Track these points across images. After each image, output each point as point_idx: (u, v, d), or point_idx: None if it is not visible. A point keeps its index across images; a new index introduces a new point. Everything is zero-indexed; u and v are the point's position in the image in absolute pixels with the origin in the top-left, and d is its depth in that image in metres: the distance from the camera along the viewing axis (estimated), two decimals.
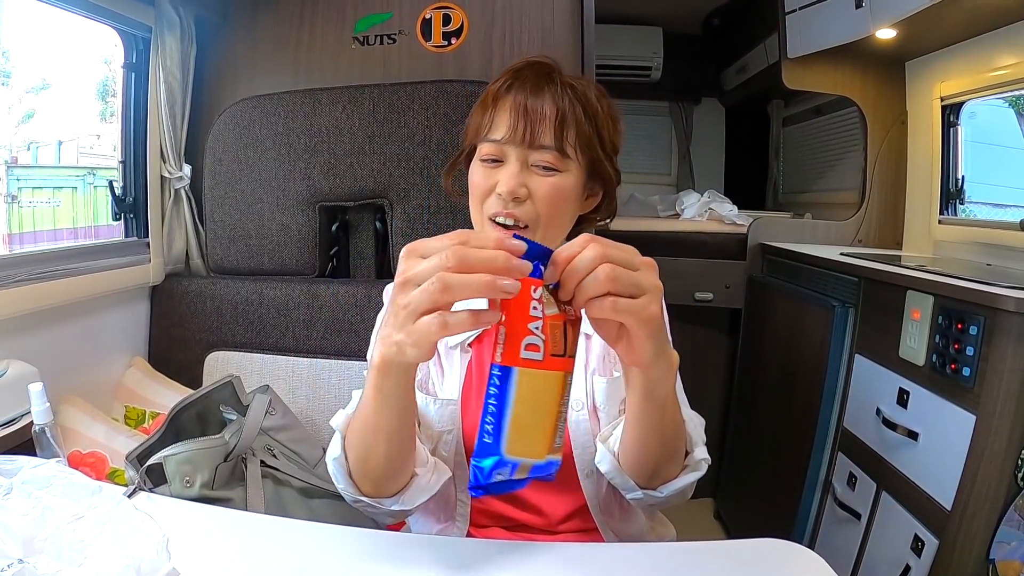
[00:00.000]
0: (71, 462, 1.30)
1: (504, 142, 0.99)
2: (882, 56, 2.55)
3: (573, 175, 1.01)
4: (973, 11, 1.96)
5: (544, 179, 0.98)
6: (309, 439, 1.59)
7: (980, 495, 1.40)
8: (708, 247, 2.83)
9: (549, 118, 0.98)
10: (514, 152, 0.99)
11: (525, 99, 0.99)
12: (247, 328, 1.77)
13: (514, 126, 0.98)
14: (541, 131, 0.97)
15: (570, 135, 0.99)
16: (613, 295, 0.65)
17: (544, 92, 0.99)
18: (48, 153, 2.06)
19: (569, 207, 1.04)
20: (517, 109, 0.98)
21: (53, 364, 1.40)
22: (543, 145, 0.98)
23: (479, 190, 1.01)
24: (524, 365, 0.64)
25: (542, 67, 1.04)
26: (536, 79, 1.01)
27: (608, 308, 0.65)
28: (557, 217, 1.01)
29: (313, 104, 1.76)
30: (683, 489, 0.91)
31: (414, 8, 1.91)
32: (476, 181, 1.03)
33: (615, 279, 0.65)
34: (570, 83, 1.02)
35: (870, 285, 1.86)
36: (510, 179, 0.97)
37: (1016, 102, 2.16)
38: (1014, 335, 1.34)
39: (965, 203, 2.36)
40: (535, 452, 0.66)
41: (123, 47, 1.78)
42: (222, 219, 1.83)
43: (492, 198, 0.99)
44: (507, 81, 1.03)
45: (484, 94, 1.06)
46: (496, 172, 1.00)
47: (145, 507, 0.82)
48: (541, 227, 0.99)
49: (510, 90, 1.01)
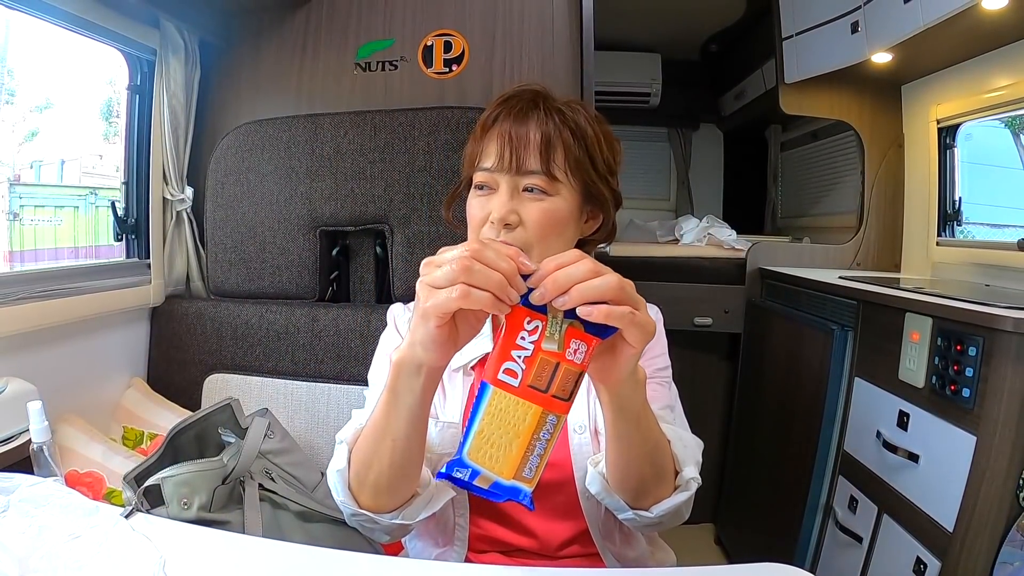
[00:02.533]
0: (68, 481, 1.29)
1: (494, 170, 1.00)
2: (878, 80, 2.58)
3: (565, 198, 1.01)
4: (967, 33, 1.99)
5: (535, 204, 0.99)
6: (307, 463, 1.58)
7: (982, 516, 1.39)
8: (707, 272, 2.84)
9: (534, 143, 0.99)
10: (504, 179, 1.00)
11: (511, 127, 1.00)
12: (246, 351, 1.77)
13: (501, 154, 0.99)
14: (527, 156, 0.98)
15: (558, 158, 1.00)
16: (609, 302, 0.67)
17: (530, 118, 1.01)
18: (51, 172, 2.07)
19: (564, 231, 1.03)
20: (503, 137, 1.00)
21: (52, 383, 1.40)
22: (530, 170, 0.99)
23: (475, 220, 1.02)
24: (498, 385, 0.68)
25: (529, 94, 1.06)
26: (523, 106, 1.03)
27: (603, 312, 0.66)
28: (551, 241, 1.01)
29: (315, 129, 1.78)
30: (675, 509, 0.90)
31: (416, 35, 1.93)
32: (472, 211, 1.03)
33: (619, 289, 0.67)
34: (557, 107, 1.04)
35: (869, 308, 1.86)
36: (500, 206, 0.98)
37: (1012, 123, 2.18)
38: (1013, 355, 1.34)
39: (963, 224, 2.38)
40: (496, 468, 0.69)
41: (128, 69, 1.81)
42: (223, 242, 1.84)
43: (487, 226, 1.00)
44: (495, 111, 1.05)
45: (476, 125, 1.08)
46: (489, 201, 1.00)
47: (142, 528, 0.82)
48: (535, 253, 0.98)
49: (497, 120, 1.03)
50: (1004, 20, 1.86)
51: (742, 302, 2.76)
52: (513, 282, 0.67)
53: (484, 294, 0.66)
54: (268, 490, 1.36)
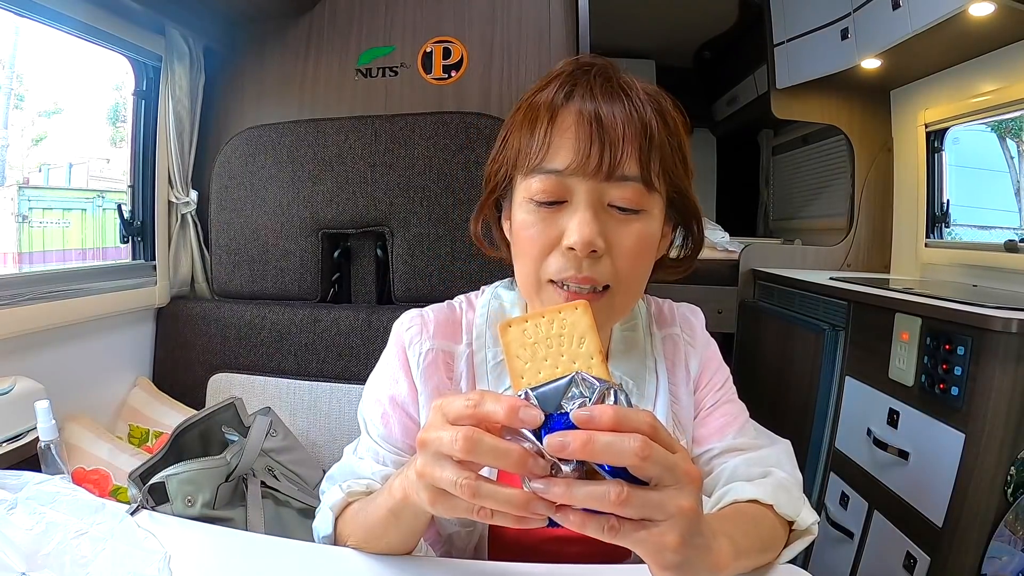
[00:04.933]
0: (75, 479, 1.31)
1: (569, 173, 0.72)
2: (868, 85, 2.62)
3: (656, 216, 0.77)
4: (955, 40, 2.03)
5: (626, 225, 0.74)
6: (309, 460, 1.60)
7: (971, 512, 1.42)
8: (700, 274, 2.81)
9: (631, 137, 0.71)
10: (585, 188, 0.72)
11: (596, 109, 0.72)
12: (250, 351, 1.79)
13: (582, 149, 0.71)
14: (623, 155, 0.71)
15: (655, 161, 0.73)
16: (616, 517, 0.51)
17: (617, 100, 0.73)
18: (59, 175, 2.09)
19: (651, 258, 0.80)
20: (586, 123, 0.71)
21: (59, 382, 1.42)
22: (626, 175, 0.72)
23: (536, 244, 0.75)
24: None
25: (606, 67, 0.78)
26: (606, 83, 0.75)
27: (606, 531, 0.51)
28: (639, 276, 0.78)
29: (317, 134, 1.80)
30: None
31: (415, 42, 1.96)
32: (527, 232, 0.75)
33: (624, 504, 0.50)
34: (645, 89, 0.78)
35: (859, 308, 1.89)
36: (584, 226, 0.70)
37: (999, 126, 2.22)
38: (1001, 354, 1.37)
39: (951, 226, 2.42)
40: None
41: (134, 75, 1.83)
42: (227, 244, 1.87)
43: (555, 255, 0.74)
44: (565, 85, 0.76)
45: (526, 104, 0.78)
46: (559, 217, 0.73)
47: (147, 525, 0.82)
48: (621, 291, 0.76)
49: (572, 97, 0.74)
50: (990, 27, 1.90)
51: (735, 303, 2.79)
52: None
53: (512, 518, 0.52)
54: (270, 488, 1.38)
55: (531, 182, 0.74)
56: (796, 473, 0.85)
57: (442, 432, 0.53)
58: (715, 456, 0.87)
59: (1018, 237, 2.05)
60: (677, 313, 0.97)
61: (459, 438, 0.51)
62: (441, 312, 0.91)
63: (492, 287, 0.95)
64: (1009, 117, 2.14)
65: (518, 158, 0.77)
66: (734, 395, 0.94)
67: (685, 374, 0.91)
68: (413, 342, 0.88)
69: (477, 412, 0.52)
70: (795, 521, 0.77)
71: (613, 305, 0.77)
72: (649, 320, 0.94)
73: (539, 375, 0.57)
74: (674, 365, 0.91)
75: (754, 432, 0.91)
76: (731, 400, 0.93)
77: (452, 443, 0.52)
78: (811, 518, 0.78)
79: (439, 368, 0.86)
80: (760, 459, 0.84)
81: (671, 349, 0.92)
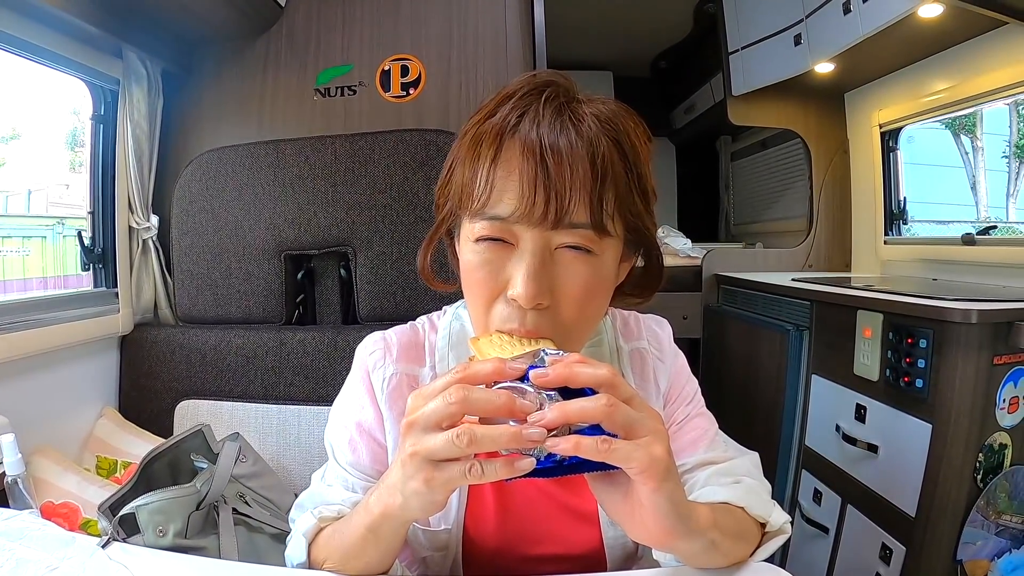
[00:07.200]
0: (44, 513, 1.29)
1: (514, 220, 0.67)
2: (822, 89, 2.69)
3: (610, 254, 0.72)
4: (905, 41, 2.09)
5: (576, 266, 0.69)
6: (280, 485, 1.58)
7: (942, 500, 1.44)
8: (664, 281, 2.88)
9: (580, 178, 0.66)
10: (530, 235, 0.68)
11: (543, 142, 0.66)
12: (216, 376, 1.76)
13: (528, 196, 0.66)
14: (571, 203, 0.66)
15: (608, 201, 0.68)
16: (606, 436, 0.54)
17: (568, 131, 0.67)
18: (18, 202, 2.06)
19: (605, 297, 0.75)
20: (532, 163, 0.66)
21: (24, 414, 1.38)
22: (574, 224, 0.67)
23: (483, 289, 0.71)
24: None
25: (559, 92, 0.72)
26: (556, 113, 0.69)
27: (600, 448, 0.53)
28: (590, 318, 0.74)
29: (277, 155, 1.79)
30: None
31: (373, 60, 1.96)
32: (474, 276, 0.71)
33: (610, 416, 0.53)
34: (602, 112, 0.72)
35: (822, 308, 1.93)
36: (528, 281, 0.66)
37: (952, 123, 2.28)
38: (963, 344, 1.41)
39: (909, 223, 2.48)
40: None
41: (92, 99, 1.81)
42: (190, 269, 1.84)
43: (500, 303, 0.70)
44: (512, 110, 0.70)
45: (473, 131, 0.72)
46: (505, 260, 0.69)
47: (119, 557, 0.80)
48: (571, 338, 0.72)
49: (518, 129, 0.69)
50: (940, 27, 1.96)
51: (700, 308, 2.82)
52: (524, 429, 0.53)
53: (501, 462, 0.54)
54: (243, 514, 1.36)
55: (475, 226, 0.70)
56: (765, 482, 0.85)
57: (429, 403, 0.56)
58: (687, 471, 0.87)
59: (975, 230, 2.10)
60: (643, 325, 0.97)
61: (451, 391, 0.54)
62: (404, 335, 0.91)
63: (454, 307, 0.94)
64: (962, 114, 2.21)
65: (462, 196, 0.72)
66: (703, 407, 0.95)
67: (655, 388, 0.92)
68: (377, 367, 0.87)
69: (466, 375, 0.56)
70: (767, 522, 0.78)
71: (563, 347, 0.69)
72: (615, 334, 0.94)
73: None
74: (643, 380, 0.91)
75: (724, 445, 0.92)
76: (701, 413, 0.94)
77: (445, 399, 0.54)
78: (783, 518, 0.78)
79: (404, 392, 0.86)
80: (730, 469, 0.85)
81: (639, 363, 0.93)
